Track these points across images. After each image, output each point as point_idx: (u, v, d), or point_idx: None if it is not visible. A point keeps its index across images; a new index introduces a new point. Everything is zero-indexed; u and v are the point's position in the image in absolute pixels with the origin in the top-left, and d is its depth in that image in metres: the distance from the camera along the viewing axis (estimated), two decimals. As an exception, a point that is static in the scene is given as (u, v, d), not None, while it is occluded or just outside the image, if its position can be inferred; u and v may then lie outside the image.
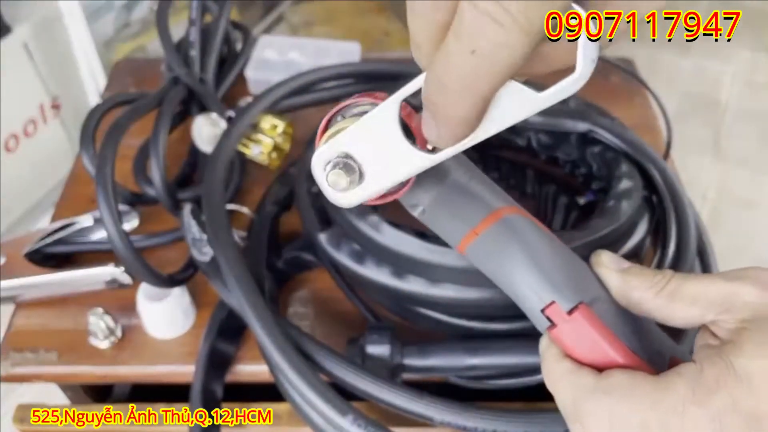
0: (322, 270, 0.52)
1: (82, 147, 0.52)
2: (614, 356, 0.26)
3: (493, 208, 0.27)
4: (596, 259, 0.28)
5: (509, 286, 0.27)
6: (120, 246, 0.45)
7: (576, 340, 0.26)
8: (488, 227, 0.27)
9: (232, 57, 0.68)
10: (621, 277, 0.27)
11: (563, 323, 0.26)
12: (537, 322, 0.27)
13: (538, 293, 0.26)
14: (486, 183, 0.28)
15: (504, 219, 0.27)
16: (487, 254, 0.27)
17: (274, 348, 0.41)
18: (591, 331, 0.26)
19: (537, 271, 0.26)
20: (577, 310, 0.26)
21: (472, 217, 0.27)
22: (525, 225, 0.27)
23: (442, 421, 0.40)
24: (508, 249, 0.27)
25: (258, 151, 0.57)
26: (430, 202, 0.27)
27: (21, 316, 0.52)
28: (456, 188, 0.27)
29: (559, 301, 0.26)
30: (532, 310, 0.27)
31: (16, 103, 1.07)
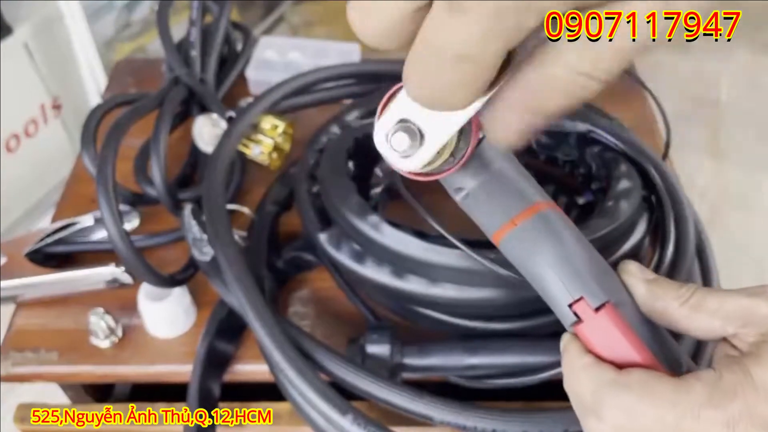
0: (322, 270, 0.53)
1: (83, 147, 0.53)
2: (635, 356, 0.27)
3: (533, 201, 0.28)
4: (624, 267, 0.29)
5: (539, 278, 0.28)
6: (121, 246, 0.45)
7: (600, 336, 0.27)
8: (527, 219, 0.28)
9: (233, 57, 0.68)
10: (647, 287, 0.28)
11: (589, 319, 0.27)
12: (563, 317, 0.28)
13: (568, 287, 0.27)
14: (527, 176, 0.29)
15: (542, 213, 0.28)
16: (523, 245, 0.28)
17: (275, 347, 0.41)
18: (615, 329, 0.27)
19: (569, 265, 0.27)
20: (604, 308, 0.27)
21: (513, 207, 0.28)
22: (561, 221, 0.28)
23: (441, 420, 0.40)
24: (544, 242, 0.27)
25: (258, 152, 0.57)
26: (475, 187, 0.28)
27: (22, 315, 0.52)
28: (500, 177, 0.28)
29: (587, 297, 0.27)
30: (560, 303, 0.27)
31: (16, 103, 1.07)
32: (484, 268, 0.41)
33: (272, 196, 0.55)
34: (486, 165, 0.28)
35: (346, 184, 0.47)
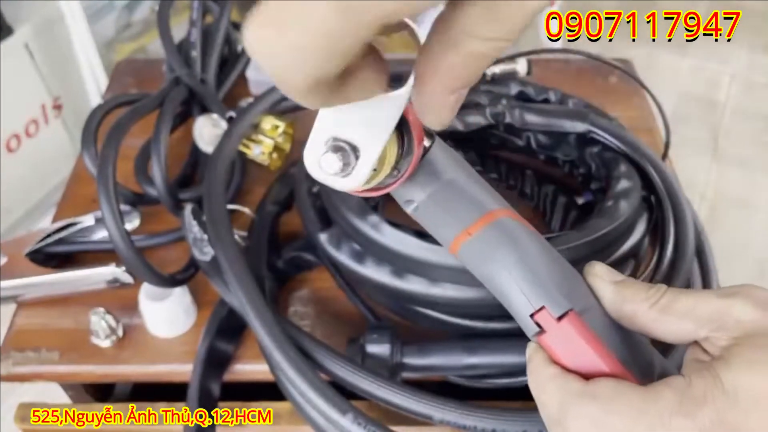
0: (322, 270, 0.53)
1: (84, 147, 0.53)
2: (602, 365, 0.26)
3: (488, 209, 0.27)
4: (590, 269, 0.28)
5: (499, 289, 0.27)
6: (121, 246, 0.45)
7: (564, 346, 0.26)
8: (482, 228, 0.27)
9: (233, 58, 0.68)
10: (614, 289, 0.27)
11: (552, 329, 0.26)
12: (525, 327, 0.27)
13: (529, 297, 0.26)
14: (482, 184, 0.28)
15: (498, 221, 0.27)
16: (479, 255, 0.27)
17: (275, 347, 0.41)
18: (579, 338, 0.26)
19: (529, 275, 0.26)
20: (567, 317, 0.26)
21: (466, 217, 0.27)
22: (519, 228, 0.27)
23: (441, 419, 0.40)
24: (501, 251, 0.26)
25: (259, 152, 0.57)
26: (425, 199, 0.27)
27: (22, 315, 0.52)
28: (451, 187, 0.27)
29: (549, 307, 0.26)
30: (521, 314, 0.27)
31: (17, 103, 1.07)
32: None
33: (272, 196, 0.55)
34: (436, 175, 0.27)
35: (346, 184, 0.47)
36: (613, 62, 0.67)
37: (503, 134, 0.55)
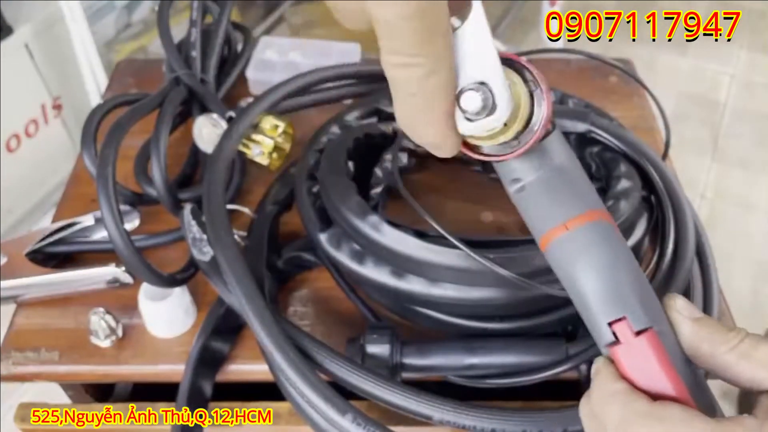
0: (322, 270, 0.53)
1: (84, 147, 0.53)
2: (671, 389, 0.25)
3: (591, 207, 0.26)
4: (670, 302, 0.27)
5: (581, 290, 0.26)
6: (121, 246, 0.45)
7: (637, 362, 0.25)
8: (582, 224, 0.26)
9: (233, 58, 0.68)
10: (693, 326, 0.26)
11: (629, 341, 0.25)
12: (599, 335, 0.26)
13: (612, 304, 0.25)
14: (587, 181, 0.27)
15: (599, 221, 0.26)
16: (572, 251, 0.26)
17: (274, 347, 0.41)
18: (654, 357, 0.25)
19: (617, 281, 0.25)
20: (646, 333, 0.25)
21: (569, 210, 0.26)
22: (615, 235, 0.26)
23: (441, 420, 0.40)
24: (595, 252, 0.26)
25: (258, 152, 0.57)
26: (533, 181, 0.26)
27: (22, 315, 0.52)
28: (561, 176, 0.26)
29: (630, 318, 0.25)
30: (598, 321, 0.26)
31: (17, 103, 1.07)
32: (483, 268, 0.41)
33: (272, 196, 0.55)
34: (548, 159, 0.26)
35: (346, 184, 0.47)
36: (614, 62, 0.67)
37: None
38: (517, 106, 0.24)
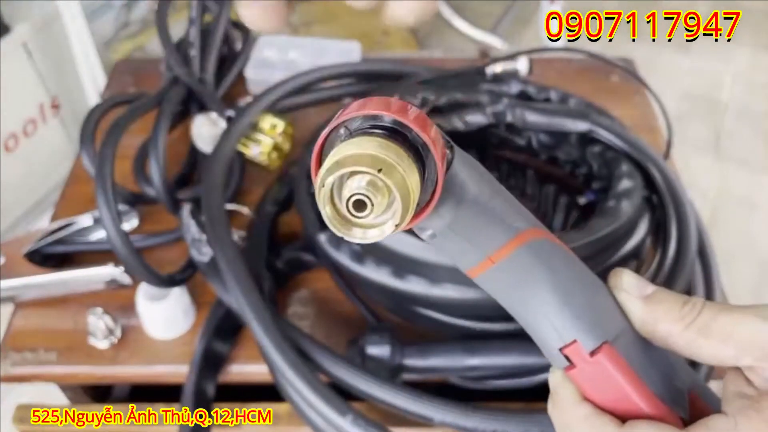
0: (321, 270, 0.52)
1: (82, 147, 0.52)
2: (638, 403, 0.23)
3: (513, 233, 0.23)
4: (616, 281, 0.25)
5: (525, 319, 0.24)
6: (119, 246, 0.45)
7: (596, 382, 0.23)
8: (508, 255, 0.23)
9: (232, 56, 0.68)
10: (645, 307, 0.24)
11: (584, 364, 0.23)
12: (553, 360, 0.24)
13: (559, 331, 0.23)
14: (507, 199, 0.24)
15: (525, 246, 0.23)
16: (504, 284, 0.24)
17: (274, 348, 0.41)
18: (614, 374, 0.23)
19: (559, 305, 0.23)
20: (601, 351, 0.23)
21: (489, 244, 0.23)
22: (548, 252, 0.24)
23: (441, 421, 0.39)
24: (527, 280, 0.23)
25: (258, 151, 0.57)
26: (442, 227, 0.23)
27: (20, 316, 0.51)
28: (473, 208, 0.23)
29: (581, 341, 0.23)
30: (550, 347, 0.24)
31: (15, 102, 1.07)
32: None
33: (272, 196, 0.55)
34: (455, 198, 0.23)
35: (346, 184, 0.47)
36: (615, 61, 0.67)
37: (504, 134, 0.55)
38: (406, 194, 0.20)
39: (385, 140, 0.20)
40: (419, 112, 0.21)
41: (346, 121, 0.21)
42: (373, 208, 0.19)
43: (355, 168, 0.19)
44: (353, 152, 0.20)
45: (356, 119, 0.21)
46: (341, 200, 0.20)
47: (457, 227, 0.23)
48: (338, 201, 0.20)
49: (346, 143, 0.20)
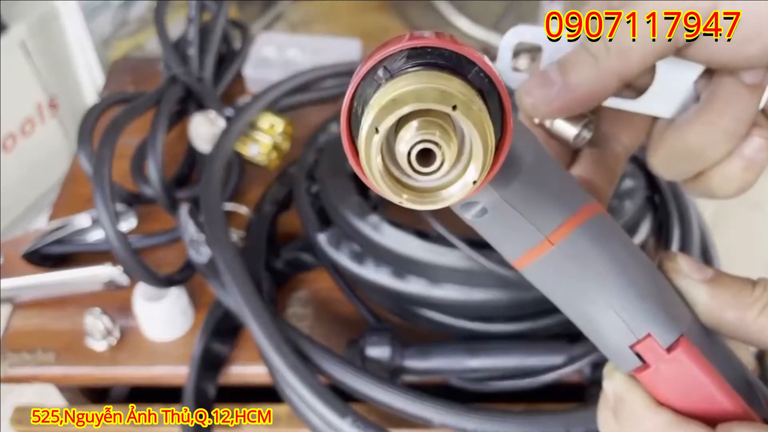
0: (321, 270, 0.52)
1: (80, 146, 0.52)
2: (724, 403, 0.20)
3: (575, 209, 0.20)
4: (672, 265, 0.22)
5: (584, 314, 0.21)
6: (117, 246, 0.45)
7: (674, 383, 0.20)
8: (567, 235, 0.20)
9: (231, 55, 0.68)
10: (710, 292, 0.21)
11: (661, 362, 0.20)
12: (620, 360, 0.21)
13: (629, 324, 0.20)
14: (563, 173, 0.21)
15: (587, 223, 0.20)
16: (560, 272, 0.20)
17: (273, 349, 0.41)
18: (695, 372, 0.20)
19: (628, 295, 0.20)
20: (679, 346, 0.20)
21: (548, 222, 0.20)
22: (611, 232, 0.21)
23: (442, 422, 0.39)
24: (589, 265, 0.20)
25: (257, 151, 0.57)
26: (495, 200, 0.19)
27: (18, 316, 0.51)
28: (531, 179, 0.20)
29: (656, 335, 0.20)
30: (618, 345, 0.20)
31: (13, 102, 1.06)
32: (485, 268, 0.40)
33: (271, 196, 0.55)
34: (512, 165, 0.19)
35: (346, 184, 0.46)
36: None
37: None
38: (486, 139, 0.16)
39: (447, 74, 0.16)
40: (472, 47, 0.17)
41: (385, 59, 0.17)
42: (445, 159, 0.15)
43: (421, 105, 0.15)
44: (414, 87, 0.15)
45: (398, 57, 0.17)
46: (397, 156, 0.16)
47: (514, 200, 0.19)
48: (389, 160, 0.16)
49: (398, 80, 0.16)
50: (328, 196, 0.47)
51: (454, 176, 0.16)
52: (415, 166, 0.16)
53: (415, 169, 0.16)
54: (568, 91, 0.22)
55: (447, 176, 0.16)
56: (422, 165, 0.16)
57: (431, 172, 0.16)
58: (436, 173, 0.16)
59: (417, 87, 0.15)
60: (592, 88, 0.22)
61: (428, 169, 0.16)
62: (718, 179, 0.23)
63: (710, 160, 0.22)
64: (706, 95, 0.23)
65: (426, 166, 0.16)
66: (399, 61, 0.17)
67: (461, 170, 0.16)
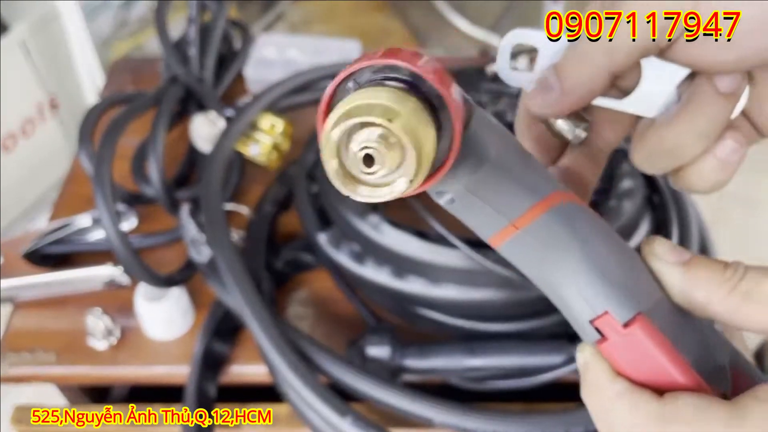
0: (321, 270, 0.52)
1: (81, 146, 0.52)
2: (676, 376, 0.22)
3: (539, 197, 0.22)
4: (649, 249, 0.23)
5: (552, 290, 0.23)
6: (118, 246, 0.45)
7: (631, 356, 0.22)
8: (532, 221, 0.22)
9: (231, 55, 0.68)
10: (683, 274, 0.23)
11: (617, 337, 0.22)
12: (583, 333, 0.23)
13: (589, 301, 0.22)
14: (533, 165, 0.23)
15: (552, 210, 0.22)
16: (528, 253, 0.23)
17: (273, 349, 0.41)
18: (650, 346, 0.22)
19: (589, 274, 0.22)
20: (635, 323, 0.22)
21: (512, 209, 0.22)
22: (576, 216, 0.23)
23: (441, 422, 0.39)
24: (555, 247, 0.22)
25: (257, 151, 0.57)
26: (460, 190, 0.22)
27: (19, 316, 0.51)
28: (495, 170, 0.22)
29: (613, 312, 0.22)
30: (579, 320, 0.23)
31: (13, 102, 1.06)
32: (485, 268, 0.41)
33: (271, 196, 0.55)
34: (476, 157, 0.22)
35: (346, 184, 0.46)
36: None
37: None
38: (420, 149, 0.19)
39: (398, 91, 0.19)
40: (436, 63, 0.20)
41: (354, 73, 0.20)
42: (384, 163, 0.19)
43: (365, 119, 0.18)
44: (363, 102, 0.19)
45: (366, 71, 0.20)
46: (348, 156, 0.19)
47: (478, 191, 0.22)
48: (345, 157, 0.19)
49: (356, 93, 0.19)
50: (328, 197, 0.47)
51: (395, 177, 0.19)
52: (359, 167, 0.19)
53: (360, 169, 0.19)
54: (565, 93, 0.24)
55: (390, 176, 0.19)
56: (367, 165, 0.19)
57: (373, 172, 0.19)
58: (376, 173, 0.19)
59: (365, 102, 0.19)
60: (585, 87, 0.24)
61: (371, 170, 0.19)
62: (694, 176, 0.24)
63: (686, 157, 0.24)
64: (685, 97, 0.24)
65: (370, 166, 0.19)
66: (366, 75, 0.20)
67: (402, 173, 0.19)
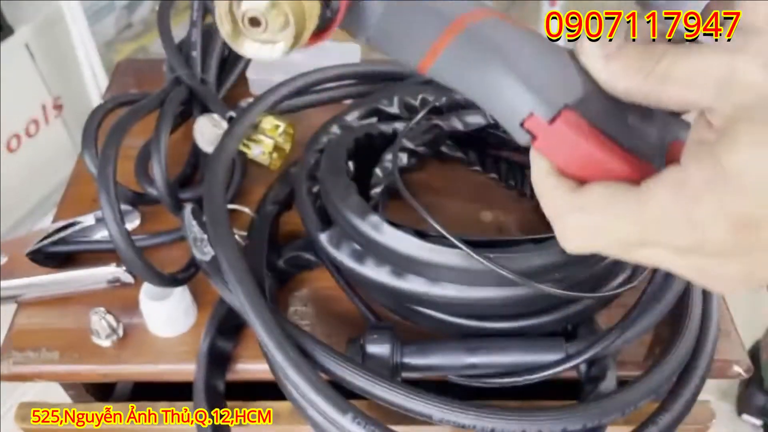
0: (322, 269, 0.53)
1: (84, 147, 0.53)
2: (605, 160, 0.23)
3: (448, 21, 0.23)
4: (579, 47, 0.24)
5: (484, 102, 0.24)
6: (122, 246, 0.45)
7: (561, 150, 0.23)
8: (447, 44, 0.23)
9: (234, 58, 0.68)
10: (606, 65, 0.23)
11: (544, 134, 0.23)
12: (518, 137, 0.24)
13: (513, 106, 0.23)
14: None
15: (466, 31, 0.23)
16: (455, 72, 0.24)
17: (274, 347, 0.41)
18: (576, 137, 0.23)
19: (509, 79, 0.23)
20: (560, 118, 0.23)
21: (426, 37, 0.24)
22: (493, 31, 0.24)
23: (441, 419, 0.40)
24: (476, 62, 0.23)
25: (259, 152, 0.57)
26: (373, 29, 0.24)
27: (23, 315, 0.52)
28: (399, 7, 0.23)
29: (537, 111, 0.23)
30: (511, 125, 0.24)
31: (18, 103, 1.07)
32: (484, 267, 0.41)
33: (272, 196, 0.55)
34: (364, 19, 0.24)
35: (346, 184, 0.47)
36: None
37: (503, 134, 0.55)
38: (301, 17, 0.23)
39: None
40: None
41: None
42: (267, 26, 0.23)
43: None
44: None
45: None
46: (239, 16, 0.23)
47: (389, 27, 0.24)
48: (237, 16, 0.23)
49: None
50: (329, 196, 0.47)
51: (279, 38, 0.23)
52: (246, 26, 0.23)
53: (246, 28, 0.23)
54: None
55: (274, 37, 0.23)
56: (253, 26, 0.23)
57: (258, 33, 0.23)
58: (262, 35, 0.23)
59: None
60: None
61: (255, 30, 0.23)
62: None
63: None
64: None
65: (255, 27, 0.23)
66: None
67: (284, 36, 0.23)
